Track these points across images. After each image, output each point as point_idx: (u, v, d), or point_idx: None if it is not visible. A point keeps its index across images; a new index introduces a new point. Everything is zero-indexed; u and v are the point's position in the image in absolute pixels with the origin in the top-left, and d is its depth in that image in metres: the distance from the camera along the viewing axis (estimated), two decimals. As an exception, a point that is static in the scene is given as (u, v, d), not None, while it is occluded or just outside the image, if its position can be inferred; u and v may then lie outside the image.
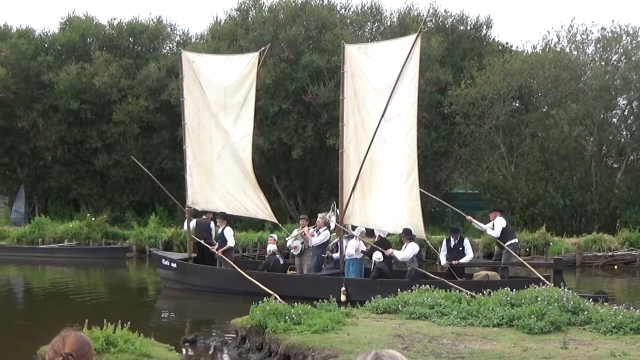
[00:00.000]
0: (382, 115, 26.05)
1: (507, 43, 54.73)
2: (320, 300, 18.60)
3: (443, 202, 32.07)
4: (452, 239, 26.98)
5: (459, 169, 51.14)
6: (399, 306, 18.22)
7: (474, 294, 19.99)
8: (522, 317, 16.46)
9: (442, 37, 48.30)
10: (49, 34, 55.28)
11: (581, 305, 17.24)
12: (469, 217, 30.79)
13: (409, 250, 26.15)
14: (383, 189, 26.79)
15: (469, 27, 52.32)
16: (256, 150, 45.41)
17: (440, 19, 52.06)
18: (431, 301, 18.23)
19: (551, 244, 39.90)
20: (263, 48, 31.50)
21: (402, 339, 15.25)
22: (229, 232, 29.37)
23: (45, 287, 33.14)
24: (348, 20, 50.70)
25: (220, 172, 29.94)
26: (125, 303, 28.65)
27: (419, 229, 26.46)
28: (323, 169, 49.11)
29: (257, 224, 42.88)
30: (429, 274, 26.36)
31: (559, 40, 49.71)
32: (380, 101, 26.35)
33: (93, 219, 46.28)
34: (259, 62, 30.13)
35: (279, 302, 23.07)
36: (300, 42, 46.53)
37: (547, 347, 14.65)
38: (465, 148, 48.30)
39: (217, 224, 30.03)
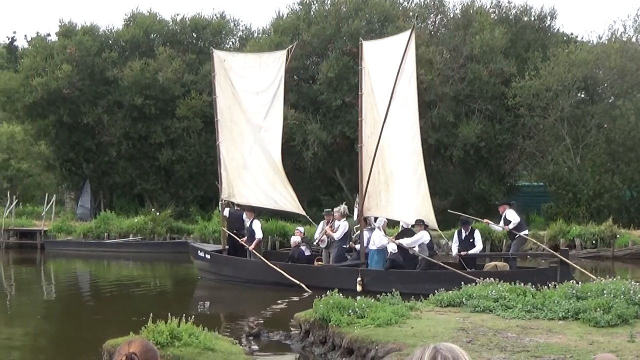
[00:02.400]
0: (387, 111, 26.89)
1: (571, 34, 54.27)
2: (337, 290, 18.60)
3: (471, 217, 31.93)
4: (463, 230, 27.27)
5: (523, 161, 50.63)
6: (463, 299, 18.08)
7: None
8: (588, 310, 16.23)
9: (505, 28, 47.89)
10: (113, 31, 55.77)
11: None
12: (485, 220, 30.82)
13: (416, 237, 26.60)
14: (397, 182, 27.62)
15: (532, 18, 51.77)
16: (319, 144, 45.63)
17: (504, 10, 51.64)
18: (495, 294, 18.05)
19: (618, 236, 39.37)
20: (290, 46, 32.58)
21: (466, 333, 15.12)
22: (256, 225, 30.11)
23: (111, 282, 33.46)
24: (410, 13, 50.42)
25: (252, 167, 30.97)
26: (190, 297, 28.84)
27: (430, 220, 27.09)
28: (385, 162, 48.97)
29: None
30: (440, 263, 26.79)
31: (625, 29, 49.12)
32: (388, 95, 27.10)
33: (157, 213, 46.62)
34: (287, 59, 30.89)
35: (306, 290, 25.58)
36: (363, 35, 46.40)
37: (613, 340, 14.43)
38: (529, 140, 47.79)
39: (245, 216, 30.67)
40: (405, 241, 26.64)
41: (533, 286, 19.02)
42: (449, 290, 19.29)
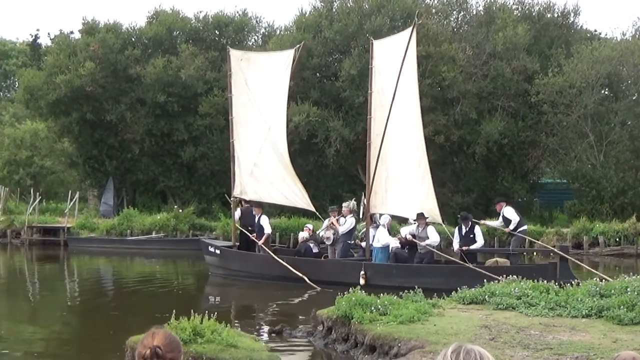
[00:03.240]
0: (390, 108, 27.08)
1: (595, 30, 54.08)
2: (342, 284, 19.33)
3: (486, 223, 32.14)
4: (463, 226, 27.29)
5: (546, 159, 50.47)
6: (486, 297, 18.02)
7: None
8: (612, 307, 16.15)
9: (528, 25, 47.75)
10: (136, 28, 55.99)
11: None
12: (482, 222, 30.99)
13: (435, 235, 26.87)
14: (401, 178, 27.85)
15: (556, 15, 51.56)
16: (341, 141, 45.60)
17: (527, 7, 51.48)
18: (518, 292, 17.99)
19: (642, 233, 39.24)
20: (298, 46, 32.62)
21: (489, 330, 15.08)
22: (265, 220, 30.77)
23: (133, 279, 33.52)
24: (433, 10, 50.33)
25: (263, 164, 31.46)
26: (223, 294, 28.88)
27: (435, 215, 27.36)
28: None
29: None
30: (451, 258, 27.17)
31: (650, 26, 48.83)
32: (392, 93, 27.23)
33: (180, 210, 46.72)
34: (294, 59, 31.28)
35: (309, 284, 26.11)
36: (385, 32, 46.27)
37: (637, 338, 14.35)
38: (552, 137, 47.64)
39: (254, 212, 31.15)
40: (432, 242, 26.77)
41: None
42: (451, 283, 20.20)
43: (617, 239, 39.00)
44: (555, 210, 48.80)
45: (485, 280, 20.28)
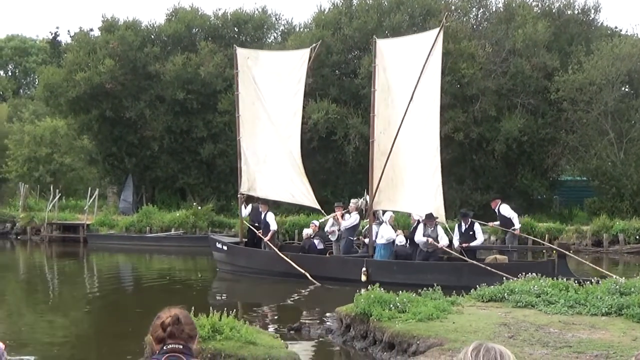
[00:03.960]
0: (407, 106, 27.13)
1: (615, 27, 53.77)
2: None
3: (499, 227, 32.38)
4: (462, 223, 27.58)
5: (566, 156, 50.21)
6: (505, 294, 17.96)
7: None
8: (632, 305, 16.06)
9: (548, 22, 47.53)
10: (155, 26, 56.14)
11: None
12: (491, 224, 31.50)
13: (444, 236, 26.94)
14: (410, 176, 28.01)
15: (576, 12, 51.31)
16: (360, 138, 45.56)
17: (547, 3, 51.27)
18: (538, 289, 17.91)
19: (663, 231, 39.04)
20: (314, 45, 32.89)
21: (508, 328, 15.02)
22: (271, 217, 31.33)
23: (152, 275, 33.68)
24: (453, 7, 50.19)
25: (271, 161, 31.80)
26: (231, 291, 28.94)
27: (441, 215, 27.28)
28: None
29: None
30: (459, 255, 26.99)
31: (671, 23, 48.57)
32: (407, 92, 27.40)
33: (199, 208, 46.80)
34: (309, 58, 31.49)
35: (311, 281, 27.02)
36: (405, 29, 46.18)
37: (658, 336, 14.30)
38: (572, 134, 47.37)
39: (260, 209, 31.56)
40: (444, 242, 26.87)
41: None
42: (451, 280, 20.85)
43: (638, 237, 38.75)
44: (575, 208, 48.63)
45: (485, 277, 21.00)
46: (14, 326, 20.87)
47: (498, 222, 29.46)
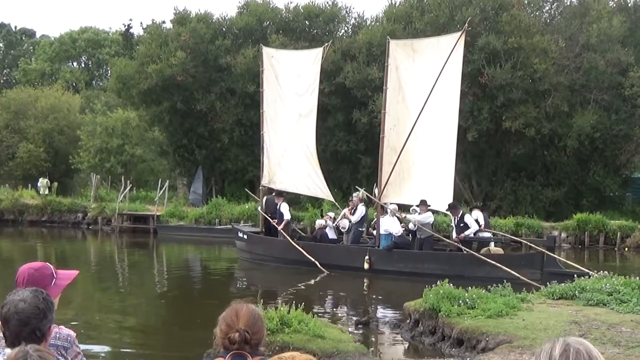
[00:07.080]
0: (423, 105, 28.02)
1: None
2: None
3: (509, 236, 32.61)
4: (452, 215, 28.85)
5: (639, 153, 49.58)
6: (576, 292, 17.74)
7: None
8: None
9: (624, 17, 46.89)
10: (226, 19, 56.41)
11: None
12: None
13: (424, 215, 28.46)
14: (420, 170, 29.18)
15: (653, 6, 50.64)
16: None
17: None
18: (610, 288, 17.67)
19: None
20: (326, 44, 34.97)
21: (579, 326, 14.82)
22: (285, 208, 32.50)
23: (221, 267, 33.99)
24: (526, 1, 49.67)
25: (289, 156, 33.70)
26: (300, 283, 28.95)
27: (443, 205, 28.87)
28: (499, 151, 48.35)
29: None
30: (447, 240, 28.87)
31: None
32: (420, 91, 28.48)
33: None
34: (323, 57, 33.18)
35: (320, 268, 28.78)
36: (477, 23, 45.80)
37: None
38: (646, 131, 46.78)
39: (275, 200, 32.80)
40: (413, 217, 28.62)
41: None
42: (447, 270, 22.81)
43: None
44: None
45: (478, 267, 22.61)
46: (85, 315, 21.05)
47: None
